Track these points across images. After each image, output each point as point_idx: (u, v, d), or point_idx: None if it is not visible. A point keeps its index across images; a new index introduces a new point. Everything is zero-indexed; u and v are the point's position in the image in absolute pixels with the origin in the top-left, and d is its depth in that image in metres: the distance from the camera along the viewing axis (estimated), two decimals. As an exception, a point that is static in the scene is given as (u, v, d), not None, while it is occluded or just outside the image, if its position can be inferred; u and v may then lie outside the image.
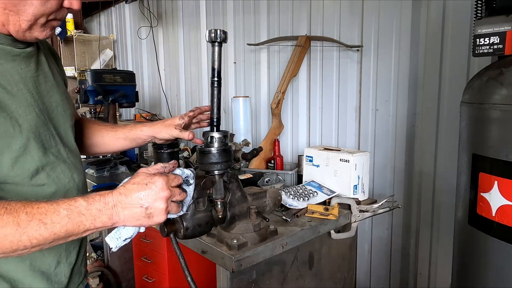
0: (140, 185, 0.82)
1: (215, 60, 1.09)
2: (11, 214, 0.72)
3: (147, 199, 0.81)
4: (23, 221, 0.72)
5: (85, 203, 0.78)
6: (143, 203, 0.81)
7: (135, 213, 0.81)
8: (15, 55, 0.89)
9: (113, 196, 0.80)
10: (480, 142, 1.16)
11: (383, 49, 2.21)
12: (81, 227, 0.77)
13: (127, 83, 2.72)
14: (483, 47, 1.15)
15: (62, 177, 0.96)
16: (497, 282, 1.14)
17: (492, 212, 1.11)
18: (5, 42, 0.87)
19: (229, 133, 1.36)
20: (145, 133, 1.29)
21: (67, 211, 0.75)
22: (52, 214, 0.74)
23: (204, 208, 1.16)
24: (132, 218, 0.81)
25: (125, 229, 0.86)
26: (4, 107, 0.83)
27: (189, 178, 0.95)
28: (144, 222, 0.83)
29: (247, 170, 2.17)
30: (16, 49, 0.90)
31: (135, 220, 0.82)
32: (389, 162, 2.26)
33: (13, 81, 0.87)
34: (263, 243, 1.34)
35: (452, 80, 1.95)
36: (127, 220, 0.81)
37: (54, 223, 0.74)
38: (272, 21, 2.78)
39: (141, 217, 0.81)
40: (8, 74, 0.87)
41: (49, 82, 1.00)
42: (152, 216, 0.82)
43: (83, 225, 0.77)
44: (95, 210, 0.78)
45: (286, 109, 2.69)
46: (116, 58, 4.73)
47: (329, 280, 1.71)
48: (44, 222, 0.73)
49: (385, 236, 2.33)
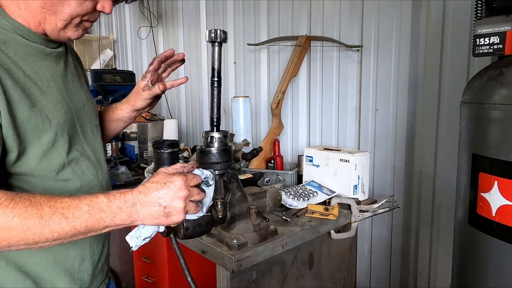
0: (159, 184, 0.83)
1: (215, 60, 1.09)
2: (35, 206, 0.73)
3: (166, 198, 0.82)
4: (46, 214, 0.73)
5: (106, 199, 0.79)
6: (162, 202, 0.82)
7: (154, 212, 0.82)
8: (47, 54, 0.93)
9: (132, 194, 0.81)
10: (480, 142, 1.16)
11: (383, 49, 2.21)
12: (101, 224, 0.78)
13: (127, 83, 2.72)
14: (483, 47, 1.15)
15: (87, 174, 0.99)
16: (497, 282, 1.14)
17: (492, 212, 1.11)
18: (39, 41, 0.91)
19: (229, 133, 1.36)
20: (125, 111, 1.28)
21: (88, 206, 0.77)
22: (74, 209, 0.76)
23: (204, 208, 1.16)
24: (151, 216, 0.82)
25: (145, 228, 0.87)
26: (36, 102, 0.86)
27: (209, 179, 0.95)
28: (162, 221, 0.84)
29: (247, 170, 2.17)
30: (48, 48, 0.94)
31: (153, 219, 0.83)
32: (389, 162, 2.26)
33: (44, 78, 0.91)
34: (263, 243, 1.34)
35: (452, 80, 1.95)
36: (145, 219, 0.82)
37: (75, 217, 0.75)
38: (272, 21, 2.78)
39: (160, 215, 0.82)
40: (40, 71, 0.91)
41: (76, 82, 1.04)
42: (170, 215, 0.83)
43: (103, 221, 0.78)
44: (115, 207, 0.79)
45: (286, 109, 2.69)
46: (116, 58, 4.73)
47: (329, 280, 1.71)
48: (66, 216, 0.75)
49: (385, 236, 2.33)
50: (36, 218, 0.72)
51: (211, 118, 1.13)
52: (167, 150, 1.75)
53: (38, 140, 0.86)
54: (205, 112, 3.51)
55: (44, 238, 0.74)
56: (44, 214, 0.73)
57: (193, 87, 3.64)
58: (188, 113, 3.75)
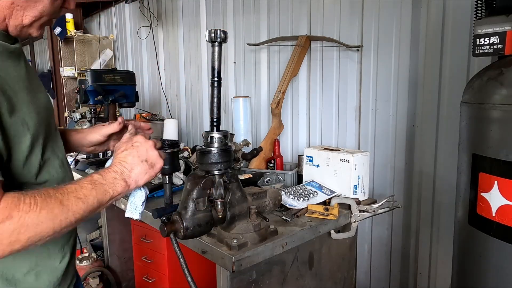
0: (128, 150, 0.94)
1: (215, 60, 1.09)
2: (51, 197, 0.77)
3: (142, 153, 0.94)
4: (64, 200, 0.78)
5: (100, 176, 0.87)
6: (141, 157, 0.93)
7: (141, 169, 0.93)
8: (10, 52, 0.89)
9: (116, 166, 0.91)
10: (480, 142, 1.16)
11: (383, 49, 2.21)
12: (107, 195, 0.86)
13: (127, 83, 2.72)
14: (483, 47, 1.15)
15: (59, 173, 0.99)
16: (497, 282, 1.14)
17: (492, 212, 1.11)
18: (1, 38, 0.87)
19: (229, 133, 1.36)
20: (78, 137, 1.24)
21: (91, 184, 0.84)
22: (81, 189, 0.82)
23: (204, 208, 1.16)
24: (141, 173, 0.93)
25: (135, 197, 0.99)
26: (14, 106, 0.83)
27: None
28: (151, 173, 0.95)
29: (247, 170, 2.17)
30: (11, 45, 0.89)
31: (143, 175, 0.93)
32: (389, 162, 2.26)
33: (14, 78, 0.87)
34: (263, 243, 1.34)
35: (452, 80, 1.95)
36: (138, 178, 0.92)
37: (86, 196, 0.82)
38: (272, 21, 2.78)
39: (147, 169, 0.94)
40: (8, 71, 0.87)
41: (35, 80, 1.00)
42: (153, 165, 0.95)
43: (108, 192, 0.86)
44: (111, 178, 0.88)
45: (286, 109, 2.69)
46: (116, 58, 4.73)
47: (329, 280, 1.71)
48: (79, 197, 0.80)
49: (385, 236, 2.33)
50: (58, 205, 0.77)
51: (211, 118, 1.13)
52: (167, 150, 1.74)
53: (19, 147, 0.84)
54: (205, 112, 3.51)
55: (69, 221, 0.79)
56: (63, 200, 0.78)
57: (193, 87, 3.64)
58: (188, 113, 3.75)
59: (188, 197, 1.14)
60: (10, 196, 0.73)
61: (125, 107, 3.03)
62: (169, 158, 1.79)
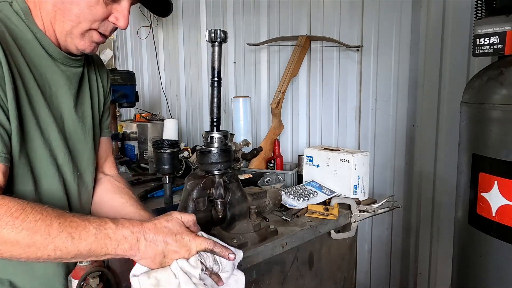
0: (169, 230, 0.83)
1: (215, 60, 1.09)
2: (45, 221, 0.72)
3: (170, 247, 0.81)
4: (54, 231, 0.72)
5: (114, 226, 0.78)
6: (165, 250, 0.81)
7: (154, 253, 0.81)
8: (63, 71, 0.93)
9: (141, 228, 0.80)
10: (480, 142, 1.16)
11: (383, 49, 2.21)
12: (103, 250, 0.76)
13: (127, 83, 2.72)
14: (483, 47, 1.15)
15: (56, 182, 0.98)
16: (497, 282, 1.14)
17: (492, 212, 1.11)
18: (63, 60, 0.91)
19: (229, 133, 1.36)
20: None
21: (96, 230, 0.76)
22: (82, 230, 0.74)
23: (204, 208, 1.16)
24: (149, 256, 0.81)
25: None
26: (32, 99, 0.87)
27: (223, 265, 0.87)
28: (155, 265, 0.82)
29: (247, 170, 2.17)
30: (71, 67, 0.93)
31: (149, 261, 0.81)
32: (389, 162, 2.26)
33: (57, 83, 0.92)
34: (263, 243, 1.34)
35: (452, 80, 1.95)
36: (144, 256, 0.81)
37: (81, 239, 0.74)
38: (272, 21, 2.78)
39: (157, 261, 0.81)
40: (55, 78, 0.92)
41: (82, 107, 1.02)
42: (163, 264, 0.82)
43: (106, 248, 0.76)
44: (121, 236, 0.78)
45: (286, 109, 2.69)
46: (116, 58, 4.73)
47: (329, 280, 1.71)
48: (72, 236, 0.73)
49: (385, 236, 2.33)
50: (43, 234, 0.71)
51: (211, 118, 1.13)
52: (167, 150, 1.75)
53: None
54: (205, 112, 3.51)
55: (46, 254, 0.72)
56: (52, 231, 0.72)
57: (193, 87, 3.64)
58: (188, 113, 3.75)
59: (188, 197, 1.14)
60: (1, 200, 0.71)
61: (125, 107, 3.03)
62: (168, 158, 1.80)
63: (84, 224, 0.75)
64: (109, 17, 0.87)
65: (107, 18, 0.87)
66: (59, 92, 0.93)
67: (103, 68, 1.13)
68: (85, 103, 1.01)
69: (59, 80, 0.92)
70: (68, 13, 0.83)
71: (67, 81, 0.94)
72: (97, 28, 0.87)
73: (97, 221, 0.77)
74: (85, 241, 0.74)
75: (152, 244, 0.80)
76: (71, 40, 0.87)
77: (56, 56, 0.90)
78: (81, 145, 1.00)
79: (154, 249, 0.80)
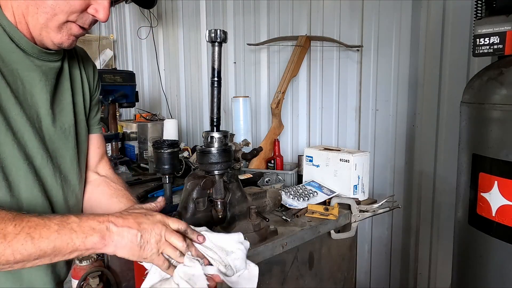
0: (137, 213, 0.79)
1: (215, 60, 1.09)
2: None
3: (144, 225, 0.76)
4: (10, 234, 0.66)
5: (78, 219, 0.72)
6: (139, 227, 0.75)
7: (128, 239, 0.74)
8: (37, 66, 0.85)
9: (108, 216, 0.75)
10: (480, 142, 1.16)
11: (383, 49, 2.21)
12: (70, 245, 0.70)
13: (127, 83, 2.71)
14: (483, 47, 1.15)
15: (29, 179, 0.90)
16: (497, 282, 1.14)
17: (492, 212, 1.11)
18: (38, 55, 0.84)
19: (229, 133, 1.36)
20: None
21: (58, 226, 0.70)
22: (42, 228, 0.69)
23: (204, 208, 1.16)
24: (125, 244, 0.74)
25: None
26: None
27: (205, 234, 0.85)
28: (134, 253, 0.75)
29: (247, 170, 2.17)
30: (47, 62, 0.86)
31: (127, 248, 0.74)
32: (389, 162, 2.26)
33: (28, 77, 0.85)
34: (263, 243, 1.34)
35: (452, 80, 1.95)
36: (118, 246, 0.74)
37: (42, 237, 0.68)
38: (272, 21, 2.78)
39: (134, 245, 0.74)
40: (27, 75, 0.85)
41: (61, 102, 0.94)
42: (143, 248, 0.75)
43: (73, 242, 0.70)
44: (87, 228, 0.72)
45: (286, 109, 2.69)
46: (116, 58, 4.73)
47: (329, 280, 1.71)
48: (32, 236, 0.68)
49: (385, 236, 2.33)
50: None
51: (211, 118, 1.13)
52: (167, 150, 1.75)
53: None
54: (205, 112, 3.51)
55: (4, 260, 0.67)
56: (8, 234, 0.66)
57: (193, 87, 3.64)
58: (188, 113, 3.75)
59: (188, 197, 1.14)
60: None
61: (125, 107, 3.02)
62: (168, 158, 1.80)
63: (43, 222, 0.69)
64: (88, 9, 0.80)
65: (85, 10, 0.80)
66: (35, 89, 0.85)
67: (88, 62, 1.05)
68: (64, 100, 0.94)
69: (34, 77, 0.84)
70: (42, 4, 0.76)
71: (42, 76, 0.86)
72: (74, 21, 0.80)
73: (59, 217, 0.72)
74: (47, 239, 0.68)
75: (124, 228, 0.74)
76: (46, 34, 0.80)
77: (29, 50, 0.82)
78: (62, 145, 0.93)
79: (128, 233, 0.74)
